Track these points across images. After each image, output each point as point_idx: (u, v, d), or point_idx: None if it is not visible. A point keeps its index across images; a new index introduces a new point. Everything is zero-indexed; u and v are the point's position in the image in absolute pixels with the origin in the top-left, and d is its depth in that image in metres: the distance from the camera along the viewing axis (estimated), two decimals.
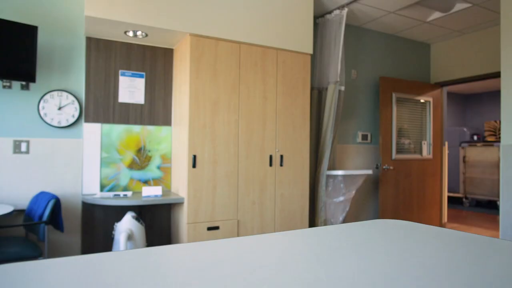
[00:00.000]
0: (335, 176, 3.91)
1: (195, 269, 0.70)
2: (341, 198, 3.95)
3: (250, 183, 3.31)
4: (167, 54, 3.52)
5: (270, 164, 3.40)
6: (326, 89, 3.99)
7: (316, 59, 4.23)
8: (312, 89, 4.15)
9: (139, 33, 3.14)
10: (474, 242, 0.81)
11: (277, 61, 3.46)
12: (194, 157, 3.06)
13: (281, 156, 3.46)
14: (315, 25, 4.32)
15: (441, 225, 5.37)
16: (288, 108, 3.52)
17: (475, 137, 8.42)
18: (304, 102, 3.62)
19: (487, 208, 7.74)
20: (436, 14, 4.44)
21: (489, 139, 8.57)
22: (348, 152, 4.54)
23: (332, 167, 4.12)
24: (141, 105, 3.41)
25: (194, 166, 3.06)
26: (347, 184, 3.92)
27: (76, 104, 3.14)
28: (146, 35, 3.18)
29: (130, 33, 3.15)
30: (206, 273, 0.68)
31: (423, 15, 4.46)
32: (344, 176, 3.91)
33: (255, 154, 3.33)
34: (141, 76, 3.40)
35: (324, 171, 3.86)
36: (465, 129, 8.45)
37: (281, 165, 3.45)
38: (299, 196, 3.57)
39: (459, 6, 4.21)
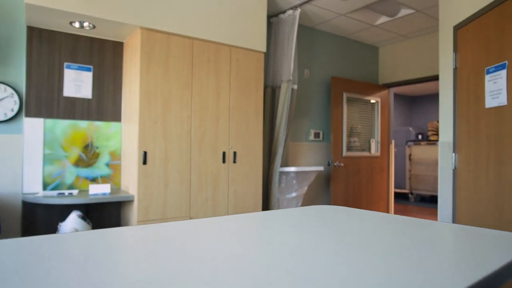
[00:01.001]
0: (288, 173, 3.99)
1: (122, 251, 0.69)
2: (294, 194, 4.04)
3: (203, 180, 3.29)
4: (116, 48, 3.41)
5: (224, 161, 3.40)
6: (280, 87, 4.06)
7: (270, 58, 4.30)
8: (266, 87, 4.21)
9: (86, 24, 3.01)
10: (396, 221, 0.86)
11: (231, 58, 3.47)
12: (145, 153, 2.99)
13: (235, 153, 3.47)
14: (269, 24, 4.38)
15: None
16: (242, 105, 3.54)
17: (420, 136, 8.95)
18: (257, 99, 3.66)
19: (430, 203, 8.27)
20: (383, 18, 4.67)
21: (432, 138, 9.15)
22: (301, 150, 4.65)
23: (285, 164, 4.20)
24: (89, 99, 3.27)
25: (144, 163, 2.99)
26: (299, 180, 4.01)
27: (16, 98, 2.95)
28: (94, 26, 3.06)
29: (76, 24, 3.01)
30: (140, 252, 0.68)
31: (372, 19, 4.67)
32: (296, 172, 4.00)
33: (208, 151, 3.32)
34: (88, 70, 3.26)
35: (277, 168, 3.93)
36: (410, 129, 8.95)
37: (234, 162, 3.47)
38: (252, 193, 3.61)
39: (404, 12, 4.46)
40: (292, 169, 3.90)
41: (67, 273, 0.59)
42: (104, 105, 3.35)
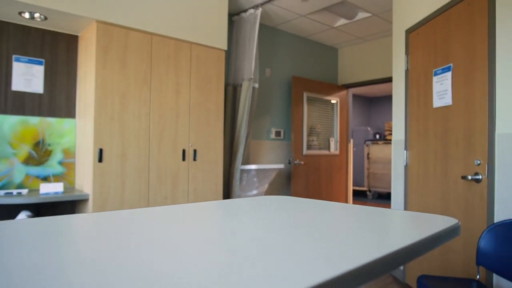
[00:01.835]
0: (249, 171, 4.02)
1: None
2: (255, 192, 4.08)
3: (162, 177, 3.24)
4: (71, 41, 3.27)
5: (183, 159, 3.37)
6: (241, 85, 4.08)
7: (232, 56, 4.30)
8: (227, 85, 4.21)
9: (36, 15, 2.87)
10: (334, 207, 0.90)
11: (191, 55, 3.44)
12: (101, 151, 2.90)
13: (195, 151, 3.45)
14: (231, 22, 4.38)
15: None
16: (202, 103, 3.52)
17: (377, 136, 9.31)
18: (218, 97, 3.65)
19: (387, 199, 8.62)
20: (342, 21, 4.82)
21: (389, 137, 9.55)
22: (262, 148, 4.70)
23: (246, 162, 4.23)
24: (40, 94, 3.12)
25: (100, 160, 2.90)
26: (260, 178, 4.05)
27: None
28: (46, 18, 2.92)
29: (26, 15, 2.86)
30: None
31: (331, 21, 4.80)
32: (257, 170, 4.04)
33: (168, 148, 3.27)
34: (39, 63, 3.11)
35: (238, 165, 3.95)
36: (369, 129, 9.29)
37: (194, 159, 3.44)
38: (212, 191, 3.60)
39: (361, 15, 4.62)
40: (253, 167, 3.93)
41: (12, 258, 0.57)
42: (57, 100, 3.20)
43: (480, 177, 2.30)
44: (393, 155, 3.48)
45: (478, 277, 2.15)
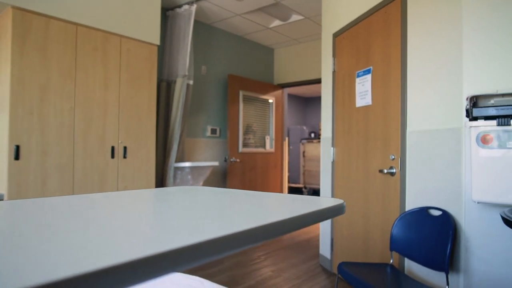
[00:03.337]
0: (183, 168, 3.97)
1: None
2: None
3: (89, 176, 3.08)
4: None
5: (112, 156, 3.23)
6: (175, 82, 4.02)
7: (166, 52, 4.22)
8: (161, 81, 4.12)
9: None
10: (238, 194, 0.94)
11: (121, 48, 3.31)
12: (17, 147, 2.68)
13: (125, 148, 3.33)
14: (165, 17, 4.30)
15: None
16: (133, 99, 3.41)
17: (312, 135, 9.70)
18: (150, 93, 3.56)
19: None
20: (277, 22, 4.95)
21: None
22: (197, 146, 4.67)
23: (181, 159, 4.18)
24: None
25: (17, 158, 2.68)
26: (194, 175, 4.03)
27: None
28: None
29: None
30: None
31: (266, 21, 4.91)
32: (191, 168, 4.01)
33: (95, 145, 3.12)
34: None
35: (172, 163, 3.89)
36: (304, 128, 9.65)
37: (124, 157, 3.32)
38: (144, 189, 3.50)
39: (294, 18, 4.79)
40: (187, 164, 3.89)
41: None
42: None
43: (394, 170, 2.52)
44: (322, 152, 3.67)
45: (391, 261, 2.35)
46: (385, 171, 2.57)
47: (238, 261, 3.65)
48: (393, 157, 2.54)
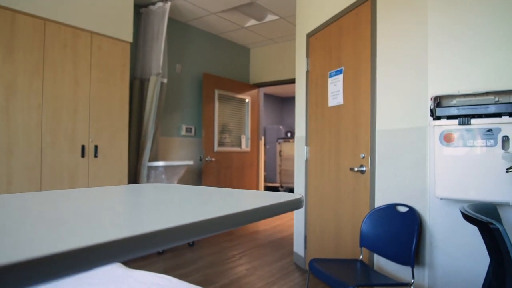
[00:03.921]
0: (157, 167, 3.93)
1: None
2: None
3: (58, 175, 3.00)
4: None
5: (83, 155, 3.16)
6: (148, 80, 3.97)
7: (139, 49, 4.16)
8: (134, 79, 4.06)
9: None
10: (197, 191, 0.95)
11: (92, 45, 3.24)
12: None
13: (96, 147, 3.26)
14: (139, 14, 4.23)
15: None
16: (105, 96, 3.34)
17: (289, 134, 9.78)
18: (123, 91, 3.50)
19: None
20: (252, 22, 4.97)
21: None
22: (172, 144, 4.62)
23: (155, 158, 4.12)
24: None
25: None
26: (168, 175, 3.99)
27: None
28: None
29: None
30: None
31: (241, 21, 4.92)
32: (165, 167, 3.97)
33: (64, 144, 3.04)
34: None
35: (146, 162, 3.83)
36: (281, 127, 9.72)
37: (95, 156, 3.25)
38: None
39: (270, 17, 4.82)
40: (160, 163, 3.85)
41: None
42: None
43: (364, 168, 2.58)
44: (296, 151, 3.71)
45: (361, 257, 2.41)
46: (356, 169, 2.63)
47: (212, 260, 3.65)
48: (363, 155, 2.60)
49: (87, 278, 1.43)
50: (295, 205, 0.64)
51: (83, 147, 3.16)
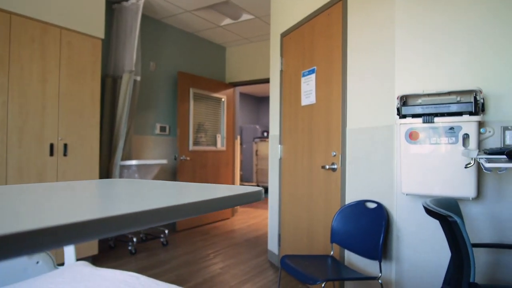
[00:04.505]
0: (130, 166, 3.87)
1: None
2: None
3: (25, 174, 2.90)
4: None
5: (51, 154, 3.07)
6: (121, 77, 3.90)
7: (112, 46, 4.08)
8: (106, 76, 3.98)
9: None
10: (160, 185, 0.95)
11: (61, 40, 3.15)
12: None
13: (65, 145, 3.17)
14: (111, 10, 4.15)
15: (233, 209, 6.05)
16: (75, 94, 3.26)
17: (265, 134, 9.83)
18: (94, 88, 3.42)
19: None
20: (228, 20, 4.97)
21: None
22: (146, 143, 4.56)
23: (128, 157, 4.06)
24: None
25: None
26: (141, 174, 3.93)
27: None
28: None
29: None
30: None
31: (217, 19, 4.91)
32: (138, 166, 3.91)
33: (31, 142, 2.95)
34: None
35: (118, 161, 3.77)
36: (257, 127, 9.75)
37: (65, 154, 3.17)
38: None
39: (245, 17, 4.83)
40: (133, 162, 3.79)
41: None
42: None
43: (335, 166, 2.63)
44: (270, 150, 3.74)
45: (332, 253, 2.46)
46: (327, 167, 2.68)
47: (186, 260, 3.62)
48: (334, 153, 2.65)
49: (54, 277, 1.40)
50: (255, 196, 0.66)
51: (51, 146, 3.07)
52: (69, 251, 1.62)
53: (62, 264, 1.64)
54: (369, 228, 2.21)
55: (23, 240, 0.33)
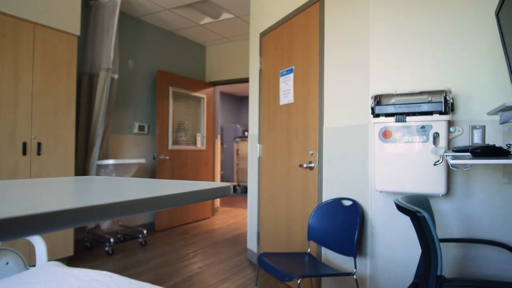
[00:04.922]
0: (107, 166, 3.81)
1: None
2: None
3: None
4: None
5: (24, 153, 2.99)
6: (98, 75, 3.83)
7: (89, 43, 4.00)
8: (82, 74, 3.90)
9: None
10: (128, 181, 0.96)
11: (35, 37, 3.08)
12: None
13: (39, 144, 3.10)
14: (88, 7, 4.07)
15: (214, 209, 6.04)
16: (49, 92, 3.18)
17: (246, 133, 9.84)
18: (70, 86, 3.35)
19: None
20: (208, 19, 4.95)
21: None
22: (124, 142, 4.50)
23: (105, 156, 3.99)
24: None
25: None
26: (119, 173, 3.88)
27: None
28: None
29: None
30: None
31: (197, 18, 4.89)
32: (115, 165, 3.85)
33: (3, 141, 2.86)
34: None
35: (95, 160, 3.70)
36: (238, 126, 9.76)
37: (38, 154, 3.09)
38: None
39: (225, 16, 4.83)
40: (110, 161, 3.73)
41: None
42: None
43: (313, 165, 2.67)
44: (249, 149, 3.76)
45: (309, 250, 2.49)
46: (305, 165, 2.72)
47: (165, 260, 3.60)
48: (311, 152, 2.69)
49: (25, 278, 1.37)
50: (223, 192, 0.67)
51: (24, 144, 2.99)
52: (41, 252, 1.59)
53: (34, 265, 1.61)
54: (345, 225, 2.25)
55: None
